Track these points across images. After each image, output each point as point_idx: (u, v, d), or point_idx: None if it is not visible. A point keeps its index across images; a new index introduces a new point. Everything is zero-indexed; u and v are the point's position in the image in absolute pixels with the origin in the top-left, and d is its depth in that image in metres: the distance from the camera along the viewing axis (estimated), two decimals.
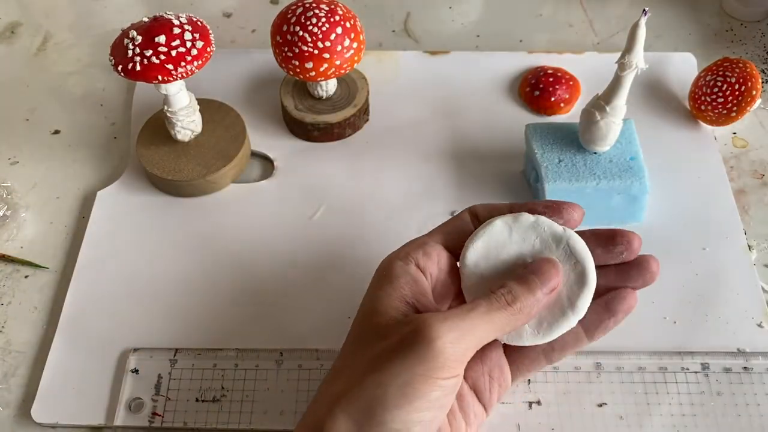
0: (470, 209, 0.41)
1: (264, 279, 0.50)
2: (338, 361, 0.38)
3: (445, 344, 0.33)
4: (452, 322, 0.34)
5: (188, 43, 0.48)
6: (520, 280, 0.37)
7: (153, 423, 0.44)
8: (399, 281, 0.37)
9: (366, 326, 0.37)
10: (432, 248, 0.39)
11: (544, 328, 0.38)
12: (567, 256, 0.38)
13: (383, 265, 0.39)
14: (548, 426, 0.43)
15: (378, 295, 0.37)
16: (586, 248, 0.38)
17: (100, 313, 0.49)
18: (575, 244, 0.38)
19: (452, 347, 0.33)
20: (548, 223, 0.39)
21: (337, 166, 0.57)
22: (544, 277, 0.37)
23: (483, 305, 0.35)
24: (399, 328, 0.35)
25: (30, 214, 0.55)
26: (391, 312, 0.36)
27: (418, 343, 0.33)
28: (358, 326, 0.38)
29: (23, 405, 0.46)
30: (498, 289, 0.36)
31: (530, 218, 0.39)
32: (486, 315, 0.35)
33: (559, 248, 0.38)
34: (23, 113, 0.62)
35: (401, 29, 0.68)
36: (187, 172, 0.54)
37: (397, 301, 0.37)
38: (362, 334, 0.37)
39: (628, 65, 0.46)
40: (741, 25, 0.67)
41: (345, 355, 0.38)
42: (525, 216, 0.39)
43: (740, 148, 0.58)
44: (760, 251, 0.51)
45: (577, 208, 0.40)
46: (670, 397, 0.44)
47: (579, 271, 0.38)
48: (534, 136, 0.52)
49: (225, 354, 0.46)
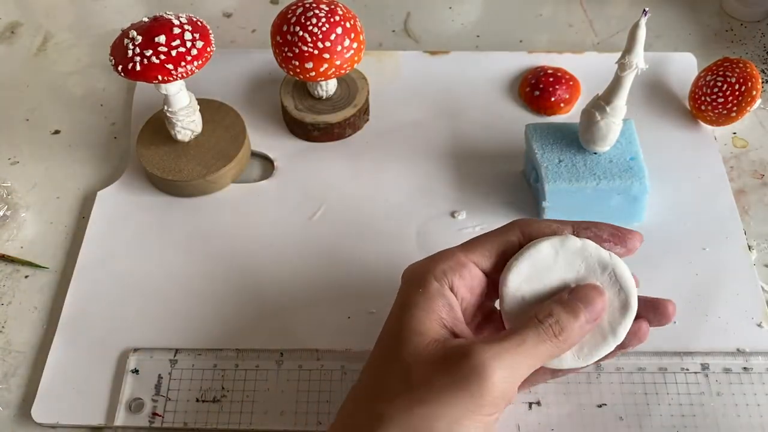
0: (519, 225, 0.39)
1: (264, 279, 0.50)
2: (374, 369, 0.37)
3: (497, 383, 0.33)
4: (505, 360, 0.34)
5: (188, 43, 0.48)
6: (567, 308, 0.36)
7: (153, 423, 0.44)
8: (437, 303, 0.36)
9: (405, 343, 0.36)
10: (468, 271, 0.38)
11: (584, 353, 0.38)
12: (612, 283, 0.38)
13: (416, 278, 0.38)
14: (548, 426, 0.43)
15: (416, 315, 0.36)
16: (631, 276, 0.38)
17: (100, 313, 0.49)
18: (622, 272, 0.38)
19: (504, 385, 0.33)
20: (595, 248, 0.38)
21: (337, 166, 0.57)
22: (590, 306, 0.36)
23: (532, 337, 0.35)
24: (446, 355, 0.34)
25: (30, 214, 0.55)
26: (431, 334, 0.35)
27: (472, 381, 0.33)
28: (394, 339, 0.37)
29: (23, 405, 0.46)
30: (545, 318, 0.36)
31: (577, 242, 0.38)
32: (534, 348, 0.35)
33: (604, 274, 0.38)
34: (23, 113, 0.62)
35: (401, 29, 0.68)
36: (187, 172, 0.54)
37: (436, 324, 0.36)
38: (401, 351, 0.36)
39: (628, 65, 0.46)
40: (741, 25, 0.67)
41: (381, 366, 0.37)
42: (572, 239, 0.38)
43: (740, 148, 0.58)
44: (760, 251, 0.51)
45: (640, 237, 0.40)
46: (670, 398, 0.44)
47: (623, 298, 0.38)
48: (534, 136, 0.52)
49: (225, 354, 0.46)
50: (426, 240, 0.52)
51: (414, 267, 0.39)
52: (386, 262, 0.51)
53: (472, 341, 0.35)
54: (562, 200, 0.50)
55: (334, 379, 0.45)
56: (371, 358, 0.38)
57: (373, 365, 0.38)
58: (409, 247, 0.51)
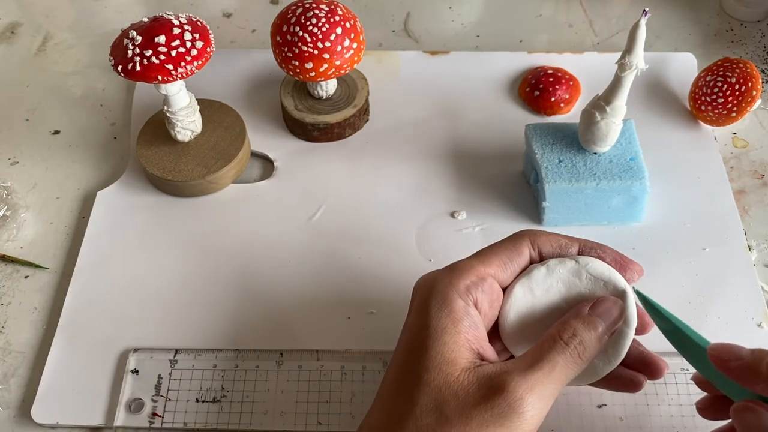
0: (529, 236, 0.39)
1: (264, 279, 0.50)
2: (397, 398, 0.35)
3: (534, 416, 0.33)
4: (540, 391, 0.34)
5: (188, 43, 0.48)
6: (588, 325, 0.36)
7: (153, 423, 0.44)
8: (464, 324, 0.35)
9: (435, 373, 0.34)
10: (489, 285, 0.37)
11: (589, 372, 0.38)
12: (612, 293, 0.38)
13: (438, 296, 0.36)
14: (548, 426, 0.43)
15: (446, 341, 0.35)
16: (632, 292, 0.38)
17: (100, 313, 0.49)
18: (623, 287, 0.38)
19: (538, 417, 0.34)
20: (592, 262, 0.38)
21: (337, 166, 0.57)
22: (610, 321, 0.36)
23: (561, 362, 0.35)
24: (480, 387, 0.34)
25: (30, 215, 0.55)
26: (462, 362, 0.35)
27: (511, 418, 0.33)
28: (420, 367, 0.35)
29: (23, 405, 0.46)
30: (570, 339, 0.35)
31: (571, 262, 0.38)
32: (563, 373, 0.35)
33: (605, 288, 0.38)
34: (23, 113, 0.62)
35: (401, 29, 0.68)
36: (187, 172, 0.54)
37: (465, 349, 0.35)
38: (431, 382, 0.34)
39: (628, 65, 0.45)
40: (741, 25, 0.67)
41: (406, 396, 0.35)
42: (568, 262, 0.38)
43: (740, 148, 0.58)
44: (760, 251, 0.51)
45: (640, 270, 0.40)
46: (670, 398, 0.44)
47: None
48: (534, 136, 0.52)
49: (225, 354, 0.46)
50: (426, 240, 0.52)
51: (431, 281, 0.37)
52: (386, 262, 0.51)
53: (503, 370, 0.34)
54: (562, 200, 0.50)
55: (333, 380, 0.45)
56: (390, 383, 0.36)
57: (394, 392, 0.36)
58: (409, 247, 0.51)
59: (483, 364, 0.35)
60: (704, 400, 0.39)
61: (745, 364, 0.33)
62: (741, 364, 0.33)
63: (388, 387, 0.36)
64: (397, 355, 0.37)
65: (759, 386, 0.33)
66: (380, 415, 0.36)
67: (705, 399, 0.39)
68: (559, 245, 0.39)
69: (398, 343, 0.38)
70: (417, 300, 0.38)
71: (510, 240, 0.39)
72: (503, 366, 0.35)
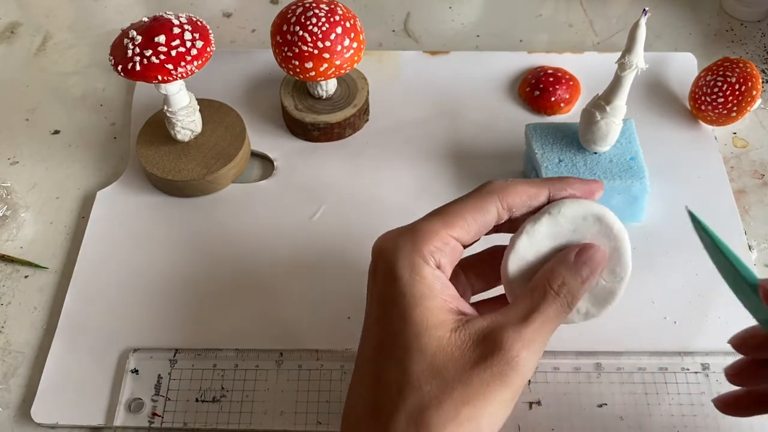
0: (496, 192, 0.37)
1: (264, 279, 0.50)
2: (388, 372, 0.34)
3: (530, 369, 0.34)
4: (535, 344, 0.34)
5: (188, 43, 0.48)
6: (575, 273, 0.36)
7: (153, 423, 0.44)
8: (437, 288, 0.35)
9: (427, 340, 0.34)
10: (452, 248, 0.36)
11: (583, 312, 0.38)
12: (604, 233, 0.37)
13: (405, 263, 0.35)
14: (548, 426, 0.43)
15: (428, 306, 0.34)
16: (622, 226, 0.37)
17: (100, 313, 0.49)
18: (613, 223, 0.37)
19: (532, 369, 0.34)
20: (589, 205, 0.38)
21: (337, 166, 0.57)
22: (594, 266, 0.36)
23: (552, 313, 0.35)
24: (475, 346, 0.33)
25: (30, 214, 0.55)
26: (448, 324, 0.34)
27: (509, 374, 0.33)
28: (408, 336, 0.34)
29: (23, 405, 0.46)
30: (560, 289, 0.35)
31: (574, 205, 0.37)
32: (553, 322, 0.35)
33: (597, 226, 0.37)
34: (23, 113, 0.62)
35: (401, 29, 0.68)
36: (187, 172, 0.54)
37: (446, 311, 0.35)
38: (425, 350, 0.34)
39: (628, 65, 0.46)
40: (741, 25, 0.67)
41: (399, 367, 0.34)
42: (568, 205, 0.37)
43: (740, 148, 0.58)
44: (760, 251, 0.51)
45: (601, 185, 0.39)
46: (670, 398, 0.44)
47: (615, 246, 0.37)
48: (534, 136, 0.52)
49: (225, 354, 0.46)
50: None
51: (392, 246, 0.36)
52: None
53: (496, 324, 0.34)
54: None
55: (333, 379, 0.45)
56: (372, 356, 0.35)
57: (380, 364, 0.35)
58: None
59: (470, 319, 0.35)
60: (736, 393, 0.39)
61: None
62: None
63: (371, 359, 0.35)
64: (374, 326, 0.36)
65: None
66: (371, 389, 0.35)
67: (735, 393, 0.39)
68: (528, 196, 0.38)
69: (369, 313, 0.37)
70: (382, 267, 0.36)
71: (476, 196, 0.38)
72: (494, 319, 0.34)
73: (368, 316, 0.37)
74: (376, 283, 0.36)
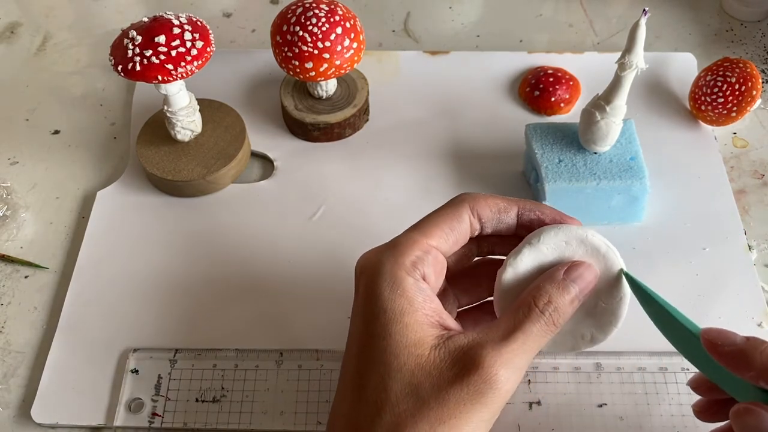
0: (468, 201, 0.38)
1: (264, 279, 0.50)
2: (366, 389, 0.34)
3: (509, 389, 0.33)
4: (515, 363, 0.33)
5: (188, 43, 0.48)
6: (563, 291, 0.35)
7: (153, 423, 0.44)
8: (418, 301, 0.35)
9: (405, 358, 0.34)
10: (434, 257, 0.36)
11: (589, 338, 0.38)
12: (592, 254, 0.37)
13: (386, 276, 0.35)
14: (548, 426, 0.43)
15: (408, 323, 0.34)
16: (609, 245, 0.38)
17: (100, 313, 0.49)
18: (599, 243, 0.37)
19: (512, 389, 0.34)
20: (580, 230, 0.37)
21: (337, 166, 0.57)
22: (584, 286, 0.36)
23: (536, 332, 0.34)
24: (454, 363, 0.33)
25: (30, 214, 0.55)
26: (428, 341, 0.34)
27: (487, 393, 0.33)
28: (386, 353, 0.34)
29: (23, 405, 0.46)
30: (545, 307, 0.35)
31: (572, 230, 0.37)
32: (536, 342, 0.35)
33: (583, 248, 0.37)
34: (23, 113, 0.62)
35: (401, 29, 0.68)
36: (187, 172, 0.54)
37: (426, 326, 0.34)
38: (402, 367, 0.33)
39: (628, 65, 0.46)
40: (741, 25, 0.67)
41: (378, 385, 0.34)
42: (567, 229, 0.37)
43: (740, 148, 0.58)
44: (760, 251, 0.51)
45: (578, 224, 0.39)
46: (670, 398, 0.44)
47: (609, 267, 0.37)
48: (534, 136, 0.52)
49: (225, 354, 0.46)
50: None
51: (374, 262, 0.36)
52: None
53: (476, 342, 0.34)
54: (562, 200, 0.50)
55: (333, 379, 0.45)
56: (354, 373, 0.35)
57: (362, 381, 0.35)
58: None
59: (451, 335, 0.34)
60: (700, 402, 0.39)
61: (739, 350, 0.33)
62: (734, 350, 0.33)
63: (353, 377, 0.35)
64: (357, 343, 0.36)
65: (750, 374, 0.32)
66: (352, 405, 0.35)
67: (701, 402, 0.39)
68: (498, 209, 0.38)
69: (353, 330, 0.37)
70: (364, 283, 0.36)
71: (449, 207, 0.38)
72: (475, 337, 0.34)
73: (351, 333, 0.37)
74: (358, 300, 0.37)
